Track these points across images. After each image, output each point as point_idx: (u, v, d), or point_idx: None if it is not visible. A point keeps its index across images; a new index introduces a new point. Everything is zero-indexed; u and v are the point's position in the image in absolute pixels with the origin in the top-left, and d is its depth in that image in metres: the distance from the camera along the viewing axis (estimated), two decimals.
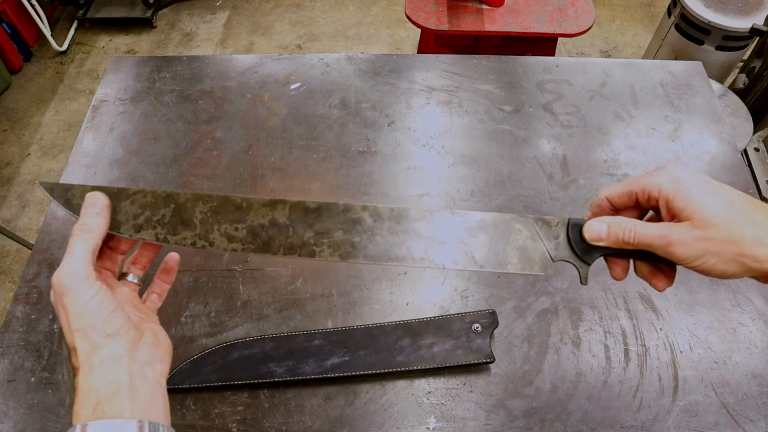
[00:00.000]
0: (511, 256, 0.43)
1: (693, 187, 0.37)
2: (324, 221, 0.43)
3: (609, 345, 0.70)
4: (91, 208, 0.41)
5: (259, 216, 0.43)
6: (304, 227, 0.43)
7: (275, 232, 0.43)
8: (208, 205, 0.43)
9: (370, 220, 0.43)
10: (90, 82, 2.43)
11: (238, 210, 0.43)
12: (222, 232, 0.43)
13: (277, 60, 1.02)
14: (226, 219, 0.43)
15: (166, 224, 0.43)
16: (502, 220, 0.44)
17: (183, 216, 0.43)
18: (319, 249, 0.43)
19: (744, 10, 1.70)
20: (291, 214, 0.43)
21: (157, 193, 0.43)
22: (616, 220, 0.40)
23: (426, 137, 0.91)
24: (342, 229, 0.43)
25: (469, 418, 0.65)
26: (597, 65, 1.01)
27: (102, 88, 0.98)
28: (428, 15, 1.41)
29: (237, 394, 0.66)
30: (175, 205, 0.43)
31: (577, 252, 0.43)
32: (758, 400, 0.66)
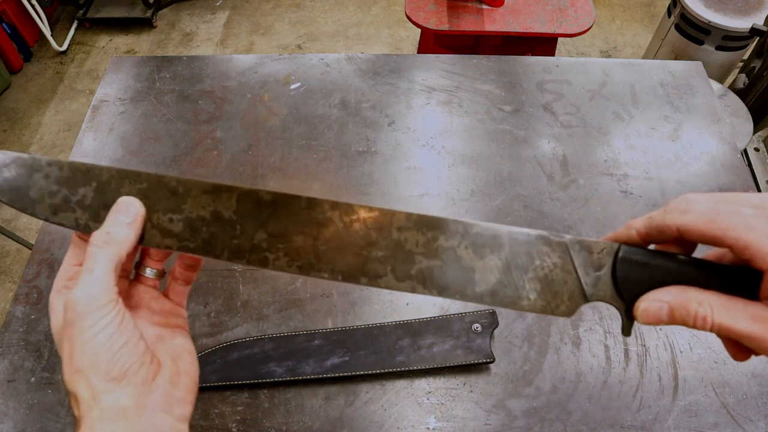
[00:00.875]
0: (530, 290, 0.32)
1: None
2: (281, 220, 0.33)
3: (609, 345, 0.70)
4: (120, 215, 0.33)
5: (198, 206, 0.33)
6: (254, 226, 0.33)
7: (218, 229, 0.33)
8: (136, 186, 0.34)
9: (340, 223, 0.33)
10: (90, 82, 2.43)
11: (173, 195, 0.33)
12: (154, 223, 0.34)
13: (277, 60, 1.02)
14: (158, 206, 0.34)
15: (87, 208, 0.34)
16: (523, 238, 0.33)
17: (107, 198, 0.34)
18: (273, 256, 0.33)
19: (744, 10, 1.70)
20: (239, 206, 0.33)
21: (75, 167, 0.34)
22: (683, 300, 0.29)
23: (426, 137, 0.91)
24: (303, 232, 0.33)
25: (469, 418, 0.65)
26: (597, 65, 1.01)
27: (102, 88, 0.98)
28: (428, 15, 1.41)
29: (237, 394, 0.66)
30: (97, 184, 0.34)
31: (623, 294, 0.32)
32: (758, 400, 0.66)
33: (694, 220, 0.28)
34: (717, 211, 0.28)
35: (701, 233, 0.28)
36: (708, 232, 0.28)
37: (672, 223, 0.29)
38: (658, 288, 0.30)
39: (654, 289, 0.30)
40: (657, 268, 0.31)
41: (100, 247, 0.33)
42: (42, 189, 0.34)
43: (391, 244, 0.33)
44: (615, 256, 0.31)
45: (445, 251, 0.33)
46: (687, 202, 0.29)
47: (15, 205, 0.34)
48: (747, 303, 0.28)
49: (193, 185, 0.33)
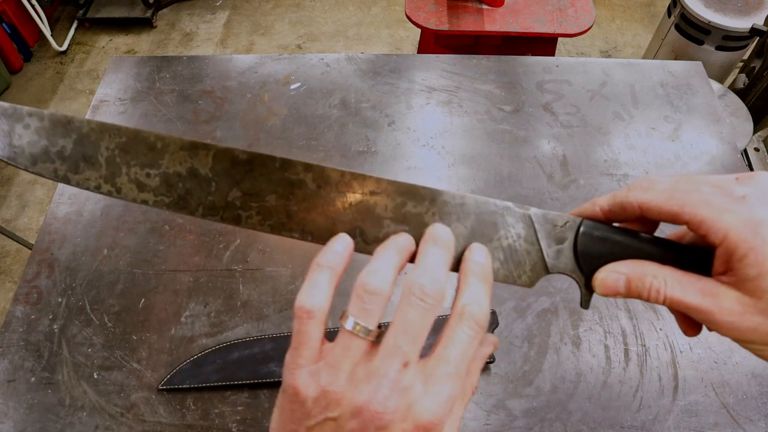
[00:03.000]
0: (493, 259, 0.33)
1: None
2: (255, 179, 0.33)
3: (609, 345, 0.70)
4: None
5: (176, 161, 0.34)
6: (229, 184, 0.34)
7: (194, 186, 0.34)
8: (115, 140, 0.34)
9: (313, 185, 0.34)
10: (90, 82, 2.43)
11: (151, 151, 0.34)
12: (131, 177, 0.34)
13: (277, 60, 1.02)
14: (136, 161, 0.34)
15: (66, 159, 0.34)
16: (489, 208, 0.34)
17: (86, 151, 0.34)
18: (246, 214, 0.34)
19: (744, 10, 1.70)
20: (215, 164, 0.33)
21: (56, 118, 0.34)
22: (640, 272, 0.30)
23: (426, 137, 0.91)
24: (277, 192, 0.34)
25: (469, 418, 0.65)
26: (597, 65, 1.01)
27: (102, 88, 0.98)
28: (428, 15, 1.41)
29: (237, 394, 0.66)
30: (77, 136, 0.34)
31: (584, 267, 0.32)
32: (758, 400, 0.66)
33: (655, 197, 0.29)
34: (676, 188, 0.29)
35: (660, 210, 0.29)
36: (666, 208, 0.29)
37: (634, 199, 0.30)
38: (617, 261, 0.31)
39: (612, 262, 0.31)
40: (617, 243, 0.32)
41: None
42: (22, 138, 0.34)
43: (361, 208, 0.33)
44: (577, 231, 0.32)
45: (413, 217, 0.33)
46: (649, 181, 0.30)
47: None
48: (699, 278, 0.29)
49: (171, 141, 0.34)
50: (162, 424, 0.64)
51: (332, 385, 0.28)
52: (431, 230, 0.31)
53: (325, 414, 0.28)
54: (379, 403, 0.27)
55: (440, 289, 0.28)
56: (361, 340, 0.29)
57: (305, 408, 0.28)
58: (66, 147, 0.34)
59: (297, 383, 0.29)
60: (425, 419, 0.27)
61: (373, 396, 0.27)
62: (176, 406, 0.65)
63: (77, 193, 0.84)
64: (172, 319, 0.72)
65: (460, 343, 0.28)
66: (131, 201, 0.35)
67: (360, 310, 0.30)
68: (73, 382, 0.67)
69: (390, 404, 0.27)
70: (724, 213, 0.27)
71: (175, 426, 0.64)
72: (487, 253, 0.32)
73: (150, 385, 0.67)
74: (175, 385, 0.65)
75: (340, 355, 0.29)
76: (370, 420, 0.27)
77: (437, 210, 0.33)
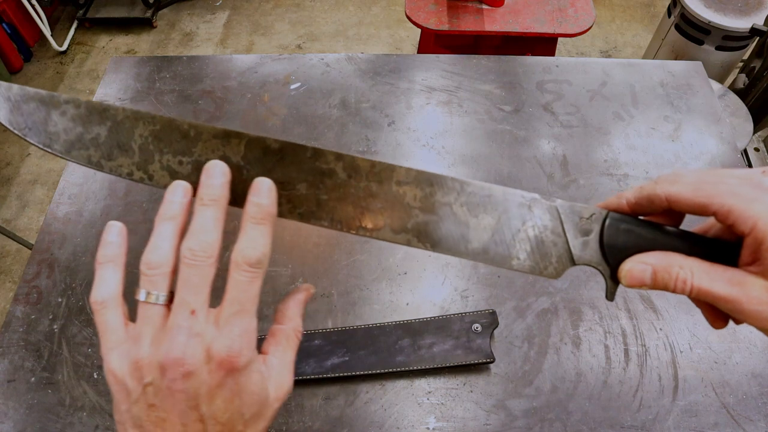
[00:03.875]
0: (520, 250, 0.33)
1: None
2: (286, 168, 0.34)
3: (609, 345, 0.70)
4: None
5: (208, 150, 0.34)
6: (260, 171, 0.34)
7: None
8: (149, 128, 0.34)
9: (344, 174, 0.34)
10: (90, 82, 2.43)
11: (185, 138, 0.34)
12: (164, 164, 0.35)
13: (277, 60, 1.02)
14: (169, 148, 0.34)
15: (101, 146, 0.35)
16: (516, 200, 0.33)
17: (120, 138, 0.35)
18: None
19: (744, 10, 1.70)
20: (247, 152, 0.34)
21: (92, 105, 0.35)
22: (666, 263, 0.30)
23: (426, 137, 0.91)
24: (307, 181, 0.34)
25: (469, 418, 0.65)
26: (597, 65, 1.01)
27: (102, 88, 0.98)
28: (428, 15, 1.41)
29: None
30: (111, 123, 0.35)
31: (609, 259, 0.32)
32: (758, 400, 0.66)
33: (683, 189, 0.30)
34: (703, 180, 0.29)
35: (689, 201, 0.29)
36: (695, 200, 0.29)
37: (662, 192, 0.30)
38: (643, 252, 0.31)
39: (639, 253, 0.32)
40: (643, 236, 0.32)
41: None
42: (58, 125, 0.35)
43: (390, 197, 0.34)
44: (603, 223, 0.33)
45: (441, 207, 0.33)
46: (676, 175, 0.31)
47: (33, 139, 0.35)
48: (726, 268, 0.29)
49: (204, 129, 0.34)
50: None
51: (139, 354, 0.30)
52: (200, 190, 0.33)
53: (141, 383, 0.30)
54: (178, 352, 0.29)
55: (208, 246, 0.31)
56: (157, 306, 0.32)
57: (126, 386, 0.30)
58: (101, 134, 0.35)
59: (111, 366, 0.31)
60: (223, 354, 0.29)
61: (171, 347, 0.29)
62: None
63: (77, 193, 0.84)
64: None
65: (238, 286, 0.31)
66: (162, 188, 0.35)
67: (148, 283, 0.32)
68: (73, 382, 0.67)
69: (188, 351, 0.29)
70: (752, 203, 0.27)
71: None
72: (269, 188, 0.33)
73: None
74: None
75: (141, 326, 0.32)
76: (175, 370, 0.29)
77: (465, 201, 0.33)
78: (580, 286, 0.74)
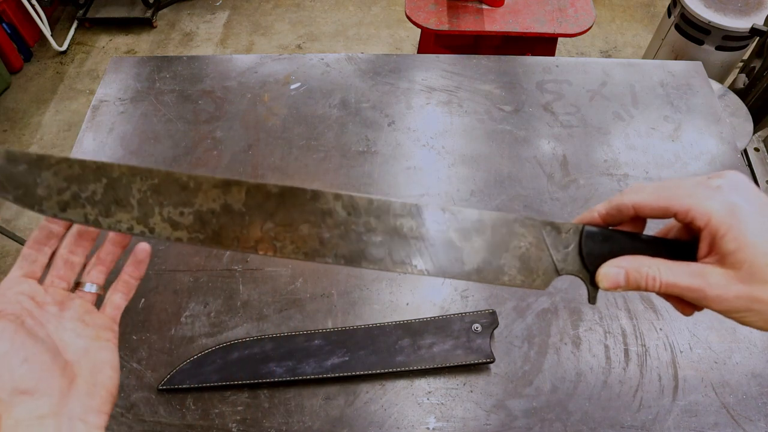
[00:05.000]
0: (510, 267, 0.37)
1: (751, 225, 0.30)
2: (288, 210, 0.35)
3: (609, 345, 0.70)
4: None
5: (209, 199, 0.35)
6: (263, 216, 0.35)
7: (228, 221, 0.35)
8: (147, 182, 0.35)
9: (343, 212, 0.35)
10: (90, 82, 2.43)
11: (184, 190, 0.35)
12: (164, 216, 0.35)
13: (277, 60, 1.02)
14: (169, 201, 0.35)
15: (97, 203, 0.35)
16: (502, 221, 0.37)
17: (117, 194, 0.35)
18: (280, 244, 0.36)
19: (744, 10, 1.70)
20: (248, 199, 0.35)
21: (85, 164, 0.35)
22: (636, 265, 0.34)
23: (426, 137, 0.91)
24: (309, 221, 0.35)
25: (469, 418, 0.65)
26: (597, 65, 1.01)
27: (102, 88, 0.98)
28: (428, 15, 1.41)
29: (237, 394, 0.66)
30: (107, 180, 0.35)
31: (589, 267, 0.36)
32: (758, 400, 0.66)
33: (646, 197, 0.34)
34: (663, 188, 0.34)
35: (653, 206, 0.34)
36: (658, 204, 0.33)
37: (629, 201, 0.35)
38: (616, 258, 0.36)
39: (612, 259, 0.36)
40: (615, 243, 0.36)
41: None
42: (51, 186, 0.35)
43: (389, 230, 0.36)
44: (580, 235, 0.37)
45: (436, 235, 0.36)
46: (638, 186, 0.35)
47: (21, 202, 0.35)
48: (688, 264, 0.33)
49: (203, 180, 0.35)
50: (162, 424, 0.64)
51: None
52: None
53: None
54: None
55: None
56: None
57: None
58: (97, 191, 0.35)
59: None
60: None
61: None
62: (176, 406, 0.65)
63: None
64: (172, 319, 0.72)
65: None
66: (164, 239, 0.36)
67: None
68: None
69: None
70: (707, 200, 0.31)
71: (175, 426, 0.64)
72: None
73: (150, 385, 0.67)
74: (175, 385, 0.65)
75: None
76: None
77: (458, 227, 0.37)
78: (580, 286, 0.74)
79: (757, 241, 0.30)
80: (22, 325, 0.35)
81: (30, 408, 0.33)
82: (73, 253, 0.40)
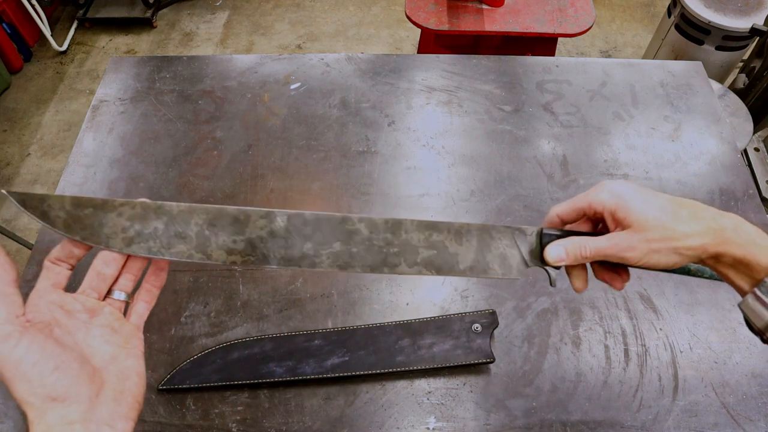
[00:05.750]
0: (493, 263, 0.46)
1: (630, 198, 0.43)
2: (322, 232, 0.43)
3: (609, 345, 0.70)
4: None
5: (257, 228, 0.42)
6: (302, 239, 0.43)
7: (274, 245, 0.42)
8: (202, 217, 0.41)
9: (366, 231, 0.44)
10: (90, 82, 2.43)
11: (236, 222, 0.42)
12: (220, 244, 0.41)
13: (277, 60, 1.02)
14: (223, 231, 0.42)
15: (159, 237, 0.41)
16: (486, 229, 0.47)
17: (177, 229, 0.41)
18: (318, 260, 0.43)
19: (744, 10, 1.70)
20: (288, 225, 0.43)
21: (147, 206, 0.41)
22: (571, 241, 0.45)
23: (426, 137, 0.91)
24: (340, 240, 0.43)
25: (469, 418, 0.65)
26: (597, 65, 1.01)
27: (102, 88, 0.98)
28: (428, 15, 1.41)
29: (237, 394, 0.66)
30: (167, 218, 0.41)
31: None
32: (758, 400, 0.66)
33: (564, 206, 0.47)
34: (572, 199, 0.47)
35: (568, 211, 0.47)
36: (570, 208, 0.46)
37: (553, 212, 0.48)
38: None
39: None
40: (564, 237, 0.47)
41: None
42: (116, 226, 0.40)
43: (402, 242, 0.45)
44: (540, 236, 0.47)
45: (437, 243, 0.45)
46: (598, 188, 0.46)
47: (88, 240, 0.40)
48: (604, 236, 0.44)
49: (252, 213, 0.42)
50: (162, 424, 0.64)
51: None
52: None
53: None
54: None
55: None
56: None
57: None
58: (158, 228, 0.41)
59: None
60: None
61: None
62: (176, 406, 0.65)
63: (77, 192, 0.84)
64: (172, 319, 0.72)
65: None
66: (221, 263, 0.42)
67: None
68: None
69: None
70: (598, 195, 0.44)
71: (175, 426, 0.64)
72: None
73: (150, 385, 0.67)
74: (175, 385, 0.65)
75: None
76: None
77: (453, 236, 0.46)
78: None
79: (637, 206, 0.42)
80: (51, 334, 0.36)
81: (61, 414, 0.34)
82: (107, 265, 0.41)
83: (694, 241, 0.41)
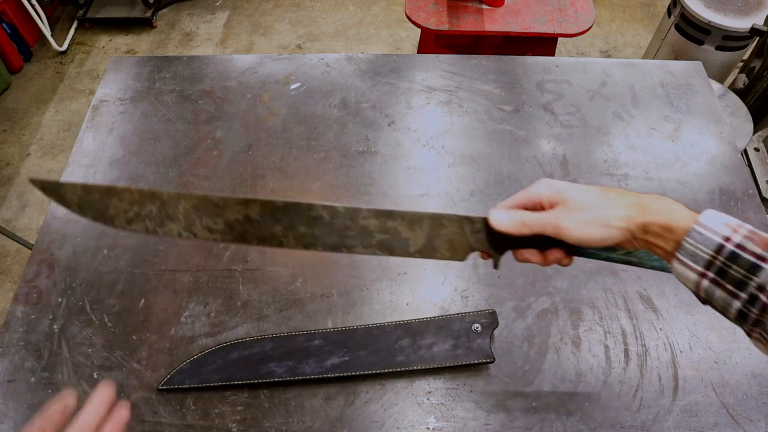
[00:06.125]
0: (441, 247, 0.51)
1: (565, 188, 0.50)
2: (290, 217, 0.49)
3: (609, 345, 0.70)
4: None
5: (234, 212, 0.49)
6: (273, 222, 0.49)
7: (248, 226, 0.49)
8: (189, 202, 0.48)
9: (328, 217, 0.50)
10: (90, 82, 2.43)
11: (216, 207, 0.48)
12: (203, 225, 0.49)
13: (277, 60, 1.02)
14: (206, 214, 0.48)
15: (154, 218, 0.48)
16: (437, 218, 0.51)
17: (168, 211, 0.48)
18: (285, 240, 0.50)
19: (744, 10, 1.70)
20: (262, 210, 0.49)
21: (143, 192, 0.48)
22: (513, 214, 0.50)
23: (426, 137, 0.91)
24: (305, 224, 0.50)
25: (469, 418, 0.65)
26: (597, 65, 1.01)
27: (102, 88, 0.98)
28: (428, 15, 1.41)
29: (237, 394, 0.66)
30: (160, 202, 0.48)
31: (491, 243, 0.52)
32: (758, 400, 0.66)
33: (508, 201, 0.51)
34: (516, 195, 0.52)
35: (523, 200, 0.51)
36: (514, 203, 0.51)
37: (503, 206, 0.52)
38: None
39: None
40: None
41: None
42: (118, 208, 0.48)
43: (359, 227, 0.50)
44: (485, 222, 0.51)
45: (391, 228, 0.50)
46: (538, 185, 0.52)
47: (97, 220, 0.48)
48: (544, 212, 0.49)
49: (229, 200, 0.48)
50: (162, 424, 0.64)
51: None
52: None
53: None
54: None
55: None
56: None
57: None
58: (153, 210, 0.48)
59: None
60: None
61: None
62: (176, 406, 0.65)
63: None
64: (172, 319, 0.72)
65: None
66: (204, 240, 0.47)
67: None
68: (73, 382, 0.67)
69: None
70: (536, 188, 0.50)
71: (175, 426, 0.64)
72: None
73: (150, 385, 0.67)
74: (175, 385, 0.65)
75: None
76: None
77: (406, 223, 0.50)
78: (579, 286, 0.74)
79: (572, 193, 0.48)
80: None
81: None
82: None
83: (621, 212, 0.47)
